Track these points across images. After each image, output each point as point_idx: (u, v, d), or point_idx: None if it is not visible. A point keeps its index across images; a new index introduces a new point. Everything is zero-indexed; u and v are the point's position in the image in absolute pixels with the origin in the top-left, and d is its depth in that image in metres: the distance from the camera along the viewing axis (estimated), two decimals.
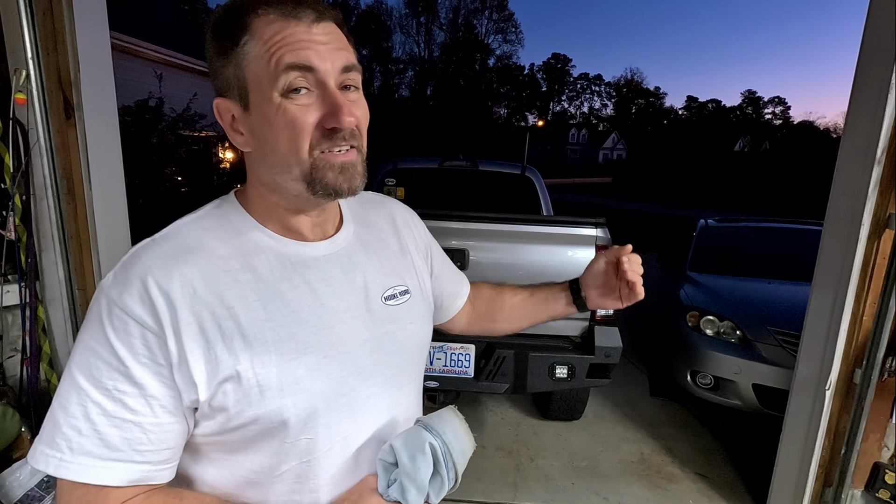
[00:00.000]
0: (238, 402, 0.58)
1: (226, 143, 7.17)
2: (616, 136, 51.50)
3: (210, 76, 0.63)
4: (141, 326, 0.55)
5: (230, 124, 0.62)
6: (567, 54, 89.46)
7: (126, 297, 0.56)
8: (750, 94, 58.60)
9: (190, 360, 0.56)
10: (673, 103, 74.79)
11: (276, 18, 0.57)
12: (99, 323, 0.56)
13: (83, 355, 0.56)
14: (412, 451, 0.62)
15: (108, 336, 0.55)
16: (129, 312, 0.56)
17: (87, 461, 0.54)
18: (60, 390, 0.56)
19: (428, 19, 47.26)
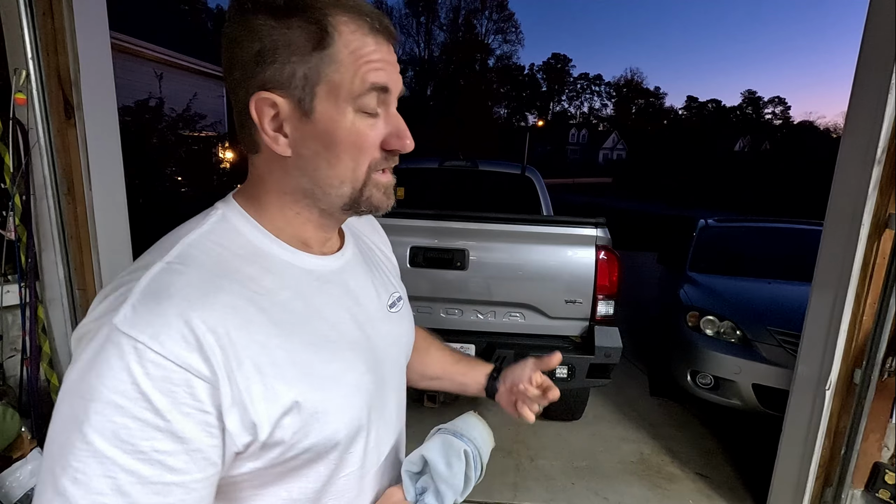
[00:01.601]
0: (296, 434, 0.53)
1: (226, 143, 7.15)
2: (616, 136, 51.49)
3: (249, 63, 0.53)
4: (187, 373, 0.46)
5: (269, 121, 0.54)
6: (567, 54, 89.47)
7: (164, 339, 0.46)
8: (750, 94, 58.58)
9: (246, 402, 0.49)
10: (673, 103, 74.81)
11: (366, 31, 0.54)
12: (125, 372, 0.44)
13: (101, 414, 0.44)
14: (449, 458, 0.65)
15: (140, 387, 0.44)
16: (172, 357, 0.46)
17: None
18: (69, 460, 0.43)
19: (428, 19, 47.29)
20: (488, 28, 48.82)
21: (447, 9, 47.22)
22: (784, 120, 56.18)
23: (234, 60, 0.54)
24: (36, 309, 1.97)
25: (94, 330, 0.47)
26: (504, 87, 51.33)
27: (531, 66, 58.92)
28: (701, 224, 4.52)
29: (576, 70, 63.75)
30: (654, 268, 5.05)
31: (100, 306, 0.49)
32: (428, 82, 45.85)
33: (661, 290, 4.64)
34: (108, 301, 0.49)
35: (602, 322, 2.56)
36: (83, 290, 1.99)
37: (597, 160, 46.96)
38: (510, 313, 2.62)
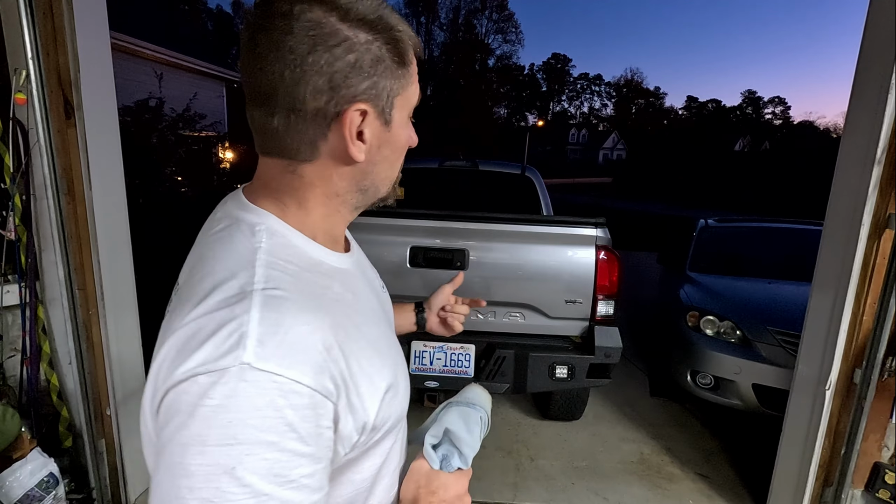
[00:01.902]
0: (388, 410, 0.58)
1: (226, 143, 7.16)
2: (616, 136, 51.49)
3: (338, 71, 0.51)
4: (325, 398, 0.48)
5: (355, 132, 0.55)
6: (567, 54, 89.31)
7: (301, 368, 0.46)
8: (750, 94, 58.54)
9: (357, 405, 0.53)
10: (673, 103, 74.72)
11: (418, 54, 0.60)
12: (270, 408, 0.44)
13: (254, 454, 0.43)
14: (469, 425, 0.76)
15: (287, 419, 0.44)
16: (310, 384, 0.46)
17: None
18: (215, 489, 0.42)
19: (428, 19, 47.27)
20: (488, 28, 48.86)
21: (447, 9, 47.26)
22: (784, 120, 56.15)
23: (315, 68, 0.50)
24: (36, 309, 1.97)
25: (211, 370, 0.44)
26: (504, 87, 51.29)
27: (531, 66, 58.96)
28: (701, 224, 4.52)
29: (576, 70, 63.77)
30: (654, 268, 5.05)
31: (201, 352, 0.45)
32: (428, 82, 45.85)
33: (661, 290, 4.64)
34: (213, 344, 0.45)
35: (602, 322, 2.55)
36: (83, 290, 1.99)
37: (597, 160, 46.96)
38: (510, 313, 2.62)
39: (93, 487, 2.13)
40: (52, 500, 1.91)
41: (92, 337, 2.04)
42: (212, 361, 0.45)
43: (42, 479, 1.87)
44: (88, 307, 2.01)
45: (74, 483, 2.11)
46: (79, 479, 2.13)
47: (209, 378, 0.44)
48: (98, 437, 2.11)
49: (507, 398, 3.43)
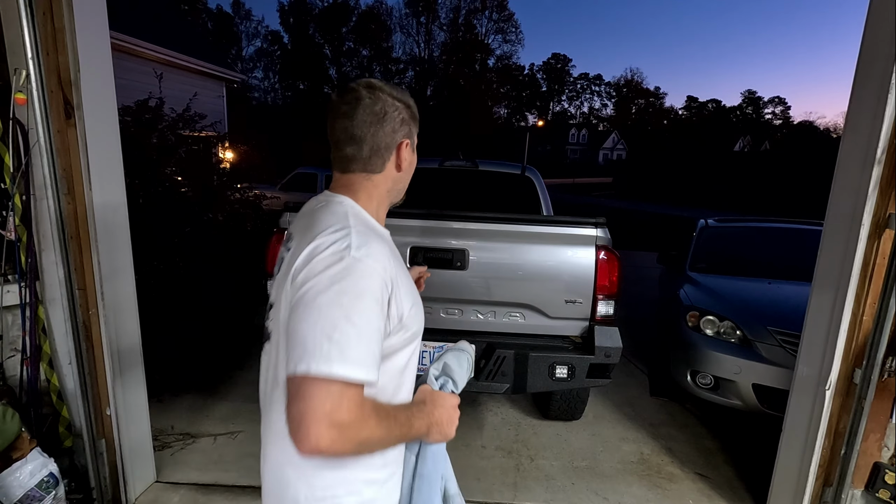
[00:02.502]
0: (411, 319, 0.94)
1: (226, 143, 7.15)
2: (616, 136, 51.49)
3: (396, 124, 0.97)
4: (384, 281, 0.86)
5: (405, 154, 1.00)
6: (567, 54, 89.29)
7: (377, 265, 0.86)
8: (750, 94, 58.53)
9: (400, 298, 0.90)
10: (673, 103, 74.75)
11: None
12: (364, 283, 0.83)
13: (354, 303, 0.81)
14: (460, 361, 1.14)
15: (371, 290, 0.84)
16: (381, 273, 0.86)
17: (364, 368, 0.81)
18: (336, 326, 0.79)
19: (428, 19, 47.25)
20: (488, 28, 48.82)
21: (447, 9, 47.22)
22: (784, 120, 56.15)
23: (382, 120, 0.95)
24: (36, 309, 1.97)
25: (337, 259, 0.83)
26: (504, 87, 51.27)
27: (531, 66, 58.95)
28: (701, 224, 4.52)
29: (576, 70, 63.81)
30: (654, 268, 5.05)
31: (329, 249, 0.85)
32: (428, 82, 45.83)
33: (661, 290, 4.64)
34: (334, 246, 0.85)
35: (602, 322, 2.55)
36: (83, 289, 1.99)
37: (597, 160, 46.96)
38: (510, 313, 2.62)
39: (93, 487, 2.13)
40: (52, 500, 1.91)
41: (92, 337, 2.04)
42: (332, 254, 0.84)
43: (42, 479, 1.87)
44: (88, 307, 2.01)
45: (74, 483, 2.11)
46: (79, 479, 2.13)
47: (331, 263, 0.83)
48: (98, 437, 2.11)
49: (507, 398, 3.43)
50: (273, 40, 46.65)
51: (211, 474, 2.52)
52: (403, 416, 0.92)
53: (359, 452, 0.87)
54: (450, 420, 1.01)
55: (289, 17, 45.23)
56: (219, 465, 2.60)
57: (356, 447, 0.82)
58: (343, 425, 0.78)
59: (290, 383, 0.80)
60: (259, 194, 6.47)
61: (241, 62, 44.41)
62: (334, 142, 0.96)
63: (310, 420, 0.76)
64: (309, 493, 0.88)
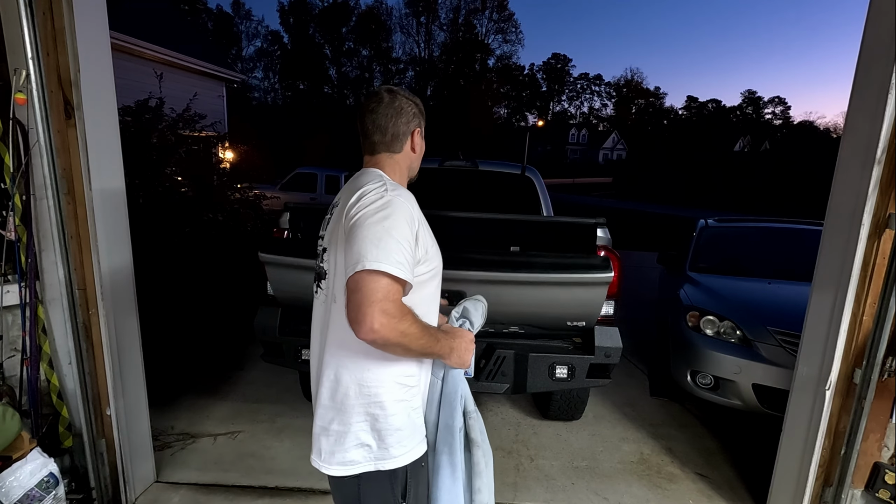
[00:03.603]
0: (432, 257, 1.22)
1: (226, 143, 7.16)
2: (616, 136, 51.46)
3: (411, 116, 1.28)
4: (413, 218, 1.14)
5: (419, 138, 1.32)
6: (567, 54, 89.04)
7: (409, 203, 1.16)
8: (750, 94, 58.46)
9: (422, 235, 1.16)
10: (673, 103, 74.57)
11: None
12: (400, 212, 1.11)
13: (393, 224, 1.08)
14: (476, 306, 1.41)
15: (405, 217, 1.12)
16: (411, 211, 1.14)
17: (403, 268, 1.06)
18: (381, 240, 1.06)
19: (428, 19, 47.24)
20: (488, 28, 48.80)
21: (447, 9, 47.21)
22: (784, 120, 56.10)
23: (399, 113, 1.26)
24: (36, 309, 1.97)
25: (379, 197, 1.12)
26: (504, 88, 51.25)
27: (531, 66, 58.90)
28: (701, 224, 4.52)
29: (576, 70, 63.67)
30: (654, 268, 5.05)
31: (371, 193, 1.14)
32: (428, 82, 45.83)
33: (661, 290, 4.64)
34: (374, 190, 1.15)
35: (602, 322, 2.55)
36: (83, 290, 1.99)
37: (597, 160, 46.95)
38: (510, 327, 2.63)
39: (93, 487, 2.13)
40: (52, 500, 1.91)
41: (92, 337, 2.04)
42: (375, 191, 1.14)
43: (42, 479, 1.87)
44: (88, 307, 2.01)
45: (74, 483, 2.11)
46: (79, 479, 2.13)
47: (375, 199, 1.12)
48: (98, 437, 2.11)
49: (507, 398, 3.43)
50: (273, 40, 46.68)
51: (211, 474, 2.52)
52: (433, 330, 1.18)
53: (401, 344, 1.06)
54: (467, 349, 1.28)
55: (289, 17, 45.24)
56: (219, 465, 2.61)
57: (399, 336, 1.04)
58: (390, 313, 1.02)
59: (350, 282, 1.04)
60: (259, 194, 6.47)
61: (241, 62, 44.40)
62: (364, 133, 1.27)
63: (366, 306, 1.01)
64: (357, 389, 1.17)
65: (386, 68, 45.18)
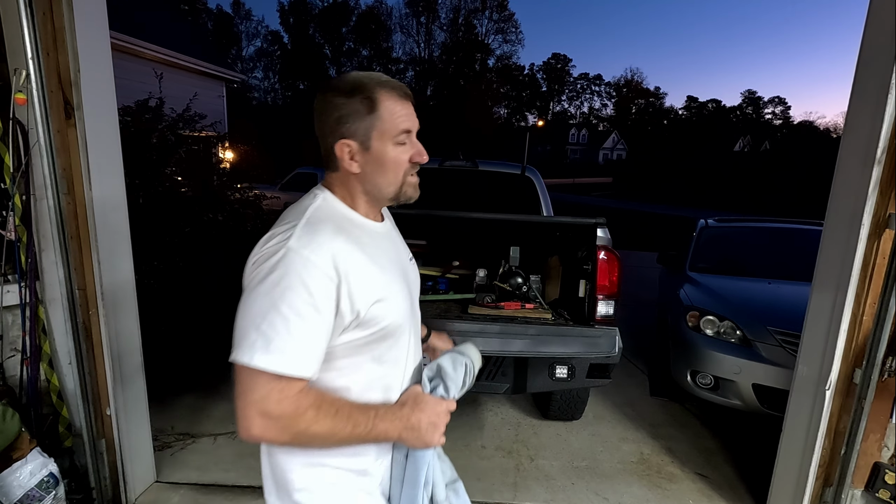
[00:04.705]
0: (377, 316, 0.91)
1: (226, 143, 7.15)
2: (616, 136, 51.45)
3: (332, 124, 0.93)
4: (326, 275, 0.84)
5: (349, 155, 0.94)
6: (567, 54, 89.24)
7: (316, 257, 0.84)
8: (750, 94, 58.49)
9: (354, 294, 0.87)
10: (673, 103, 74.62)
11: (398, 98, 0.94)
12: (296, 272, 0.82)
13: (284, 293, 0.81)
14: (455, 365, 1.05)
15: (304, 281, 0.82)
16: (321, 266, 0.84)
17: (291, 361, 0.82)
18: (266, 316, 0.81)
19: (428, 19, 47.24)
20: (488, 28, 48.79)
21: (447, 9, 47.20)
22: (784, 120, 56.11)
23: (323, 122, 0.94)
24: (36, 309, 1.97)
25: (274, 251, 0.84)
26: (504, 87, 51.24)
27: (531, 66, 58.90)
28: (701, 224, 4.52)
29: (576, 70, 63.74)
30: (654, 268, 5.04)
31: (272, 241, 0.87)
32: (428, 82, 45.81)
33: (661, 290, 4.64)
34: (278, 237, 0.87)
35: (602, 322, 2.55)
36: (83, 290, 1.99)
37: (597, 160, 46.93)
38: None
39: (93, 487, 2.13)
40: (52, 500, 1.91)
41: (92, 337, 2.04)
42: (272, 245, 0.86)
43: (42, 479, 1.87)
44: (88, 307, 2.01)
45: (74, 483, 2.11)
46: (79, 479, 2.13)
47: (271, 255, 0.85)
48: (98, 437, 2.11)
49: (507, 398, 3.43)
50: (273, 40, 46.68)
51: (211, 474, 2.52)
52: (363, 417, 0.89)
53: (301, 444, 0.89)
54: (432, 425, 0.96)
55: (289, 17, 45.25)
56: (219, 465, 2.60)
57: (293, 438, 0.85)
58: (273, 416, 0.82)
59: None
60: (259, 194, 6.47)
61: (241, 62, 44.40)
62: None
63: (241, 407, 0.82)
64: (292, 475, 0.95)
65: (386, 68, 45.14)
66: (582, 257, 2.69)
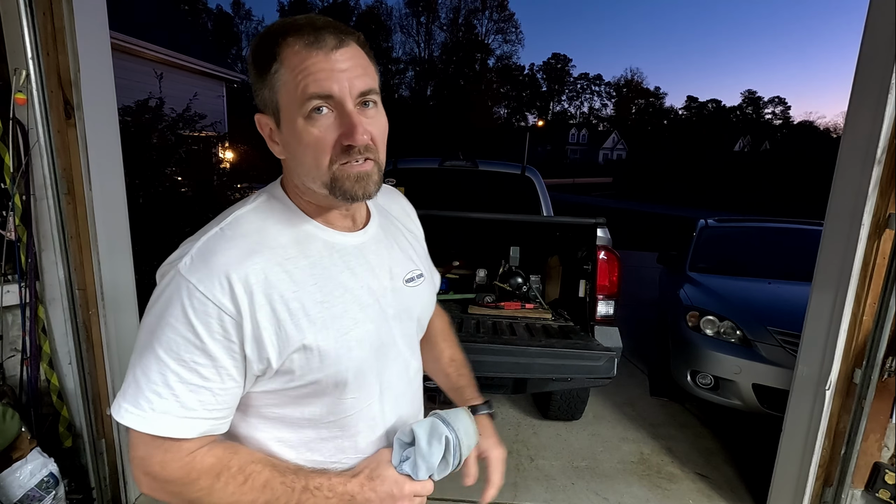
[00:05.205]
0: (302, 368, 0.69)
1: (226, 143, 7.16)
2: (616, 136, 51.46)
3: (253, 93, 0.71)
4: (220, 310, 0.64)
5: (269, 136, 0.72)
6: (567, 54, 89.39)
7: (208, 285, 0.64)
8: (750, 94, 58.52)
9: (264, 337, 0.66)
10: (673, 103, 74.74)
11: (301, 49, 0.65)
12: (179, 305, 0.64)
13: (163, 331, 0.64)
14: (430, 437, 0.75)
15: (188, 317, 0.63)
16: (211, 298, 0.64)
17: (167, 420, 0.64)
18: (141, 359, 0.65)
19: (428, 19, 47.27)
20: (488, 28, 48.82)
21: (447, 9, 47.23)
22: (784, 120, 56.14)
23: None
24: (36, 309, 1.97)
25: (167, 272, 0.67)
26: (504, 87, 51.26)
27: (531, 66, 58.93)
28: (701, 224, 4.52)
29: (576, 70, 63.80)
30: (654, 268, 5.05)
31: (174, 254, 0.68)
32: (428, 82, 45.83)
33: (661, 290, 4.64)
34: (178, 251, 0.68)
35: (602, 322, 2.55)
36: (83, 290, 1.99)
37: (597, 160, 46.94)
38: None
39: (93, 487, 2.13)
40: (52, 500, 1.91)
41: (92, 337, 2.04)
42: (170, 263, 0.68)
43: (42, 479, 1.87)
44: (88, 307, 2.01)
45: (74, 483, 2.11)
46: (79, 479, 2.13)
47: (165, 274, 0.67)
48: (98, 437, 2.11)
49: (507, 398, 3.43)
50: None
51: None
52: (285, 489, 0.68)
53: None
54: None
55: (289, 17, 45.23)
56: None
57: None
58: (158, 479, 0.67)
59: None
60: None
61: (241, 62, 44.37)
62: None
63: (131, 463, 0.68)
64: None
65: (386, 68, 45.15)
66: (582, 257, 2.69)
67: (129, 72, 6.03)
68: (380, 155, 0.72)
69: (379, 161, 0.72)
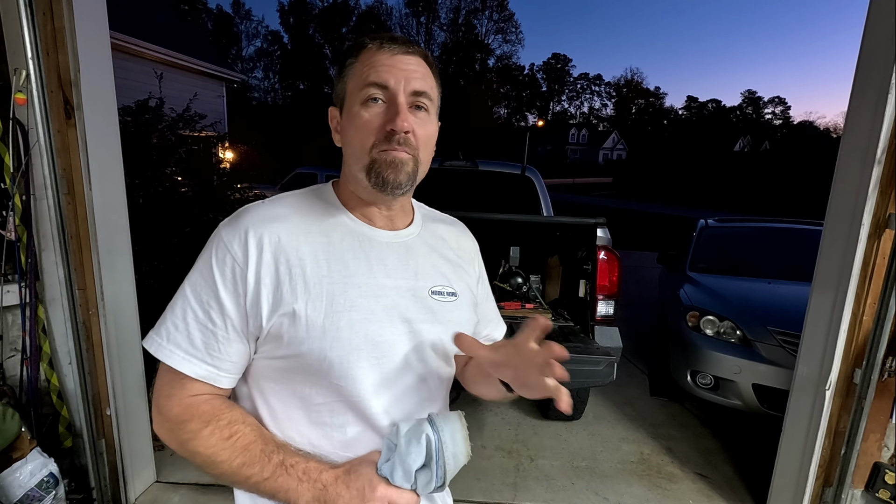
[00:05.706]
0: (289, 335, 0.71)
1: (226, 143, 7.15)
2: (616, 136, 51.47)
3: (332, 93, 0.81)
4: (233, 260, 0.71)
5: (334, 127, 0.81)
6: (567, 54, 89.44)
7: (230, 237, 0.72)
8: (750, 94, 58.53)
9: (262, 293, 0.71)
10: (673, 103, 74.73)
11: (375, 49, 0.75)
12: (209, 254, 0.72)
13: (194, 274, 0.73)
14: (409, 437, 0.70)
15: (211, 263, 0.71)
16: (229, 248, 0.71)
17: (175, 350, 0.71)
18: (176, 295, 0.73)
19: (428, 19, 47.26)
20: (488, 28, 48.82)
21: (447, 9, 47.23)
22: (784, 120, 56.14)
23: None
24: (36, 309, 1.97)
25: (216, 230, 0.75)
26: (504, 88, 51.26)
27: (531, 66, 58.94)
28: (701, 224, 4.52)
29: (576, 70, 63.93)
30: (654, 268, 5.05)
31: None
32: None
33: (661, 290, 4.64)
34: None
35: (602, 322, 2.55)
36: (83, 290, 1.99)
37: (597, 160, 46.94)
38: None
39: (93, 487, 2.13)
40: (52, 500, 1.91)
41: (92, 337, 2.04)
42: None
43: (42, 479, 1.87)
44: (88, 307, 2.01)
45: (74, 483, 2.11)
46: (79, 479, 2.13)
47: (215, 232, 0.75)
48: (98, 437, 2.11)
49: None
50: (273, 40, 46.70)
51: None
52: (263, 458, 0.69)
53: (191, 460, 0.71)
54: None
55: (289, 17, 45.28)
56: None
57: (179, 447, 0.72)
58: (162, 413, 0.72)
59: None
60: (259, 194, 6.47)
61: (241, 62, 44.42)
62: None
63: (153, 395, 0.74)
64: None
65: None
66: (582, 257, 2.69)
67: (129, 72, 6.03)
68: (420, 153, 0.76)
69: (417, 158, 0.76)
